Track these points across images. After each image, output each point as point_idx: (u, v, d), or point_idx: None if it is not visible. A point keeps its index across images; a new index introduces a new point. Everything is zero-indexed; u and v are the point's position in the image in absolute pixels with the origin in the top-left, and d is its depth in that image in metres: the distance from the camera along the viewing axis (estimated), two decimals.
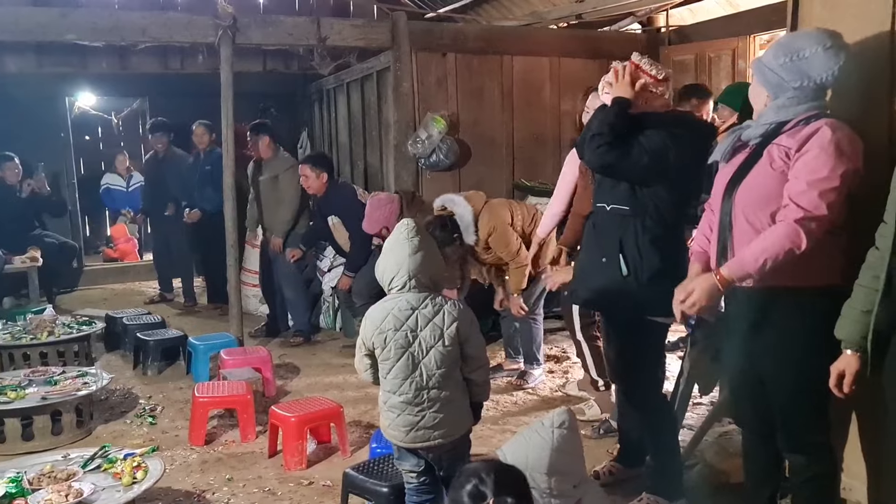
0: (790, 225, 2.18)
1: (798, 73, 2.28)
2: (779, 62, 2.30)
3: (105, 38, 5.59)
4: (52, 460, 3.00)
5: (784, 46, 2.32)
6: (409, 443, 2.51)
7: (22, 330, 5.14)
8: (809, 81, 2.27)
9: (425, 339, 2.46)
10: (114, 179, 9.56)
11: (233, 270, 5.49)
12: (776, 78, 2.31)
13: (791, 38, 2.36)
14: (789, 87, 2.30)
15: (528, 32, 6.81)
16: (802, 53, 2.26)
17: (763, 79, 2.36)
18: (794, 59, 2.27)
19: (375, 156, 6.95)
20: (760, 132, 2.36)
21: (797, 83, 2.28)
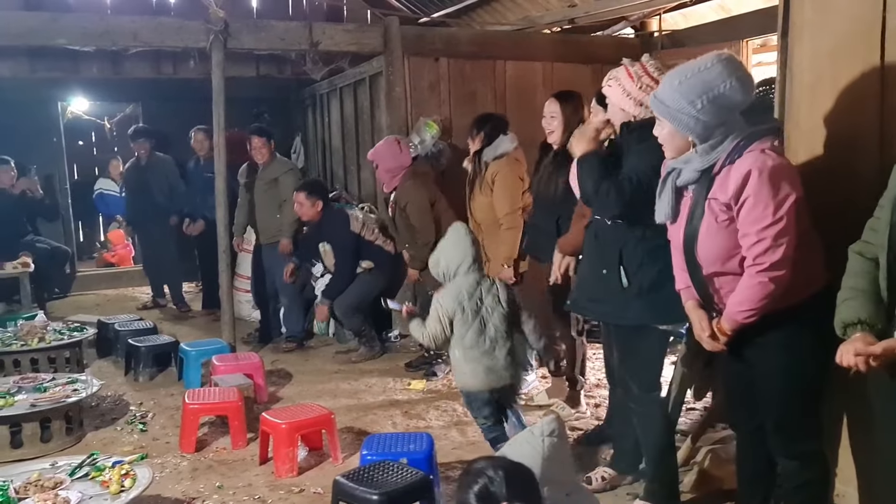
0: (755, 277, 2.21)
1: (720, 111, 2.23)
2: (696, 107, 2.23)
3: (96, 43, 5.56)
4: (39, 468, 2.97)
5: (696, 88, 2.23)
6: (486, 385, 3.28)
7: (12, 336, 5.10)
8: (731, 114, 2.25)
9: (489, 305, 3.31)
10: (107, 184, 9.55)
11: (225, 276, 5.47)
12: (699, 123, 2.25)
13: (698, 77, 2.24)
14: (714, 127, 2.26)
15: (520, 37, 6.80)
16: (718, 90, 2.21)
17: (683, 125, 2.28)
18: (711, 99, 2.22)
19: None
20: (695, 179, 2.33)
21: (720, 120, 2.24)
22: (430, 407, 4.49)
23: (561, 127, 4.02)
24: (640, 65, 2.87)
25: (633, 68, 2.87)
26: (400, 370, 5.24)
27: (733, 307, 2.29)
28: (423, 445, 3.18)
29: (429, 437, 3.30)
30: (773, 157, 2.22)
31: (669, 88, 2.30)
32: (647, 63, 2.87)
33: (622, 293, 2.84)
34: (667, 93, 2.30)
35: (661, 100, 2.33)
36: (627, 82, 2.86)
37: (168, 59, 6.92)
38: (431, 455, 3.18)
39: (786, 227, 2.16)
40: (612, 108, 2.95)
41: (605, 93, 2.96)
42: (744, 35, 5.92)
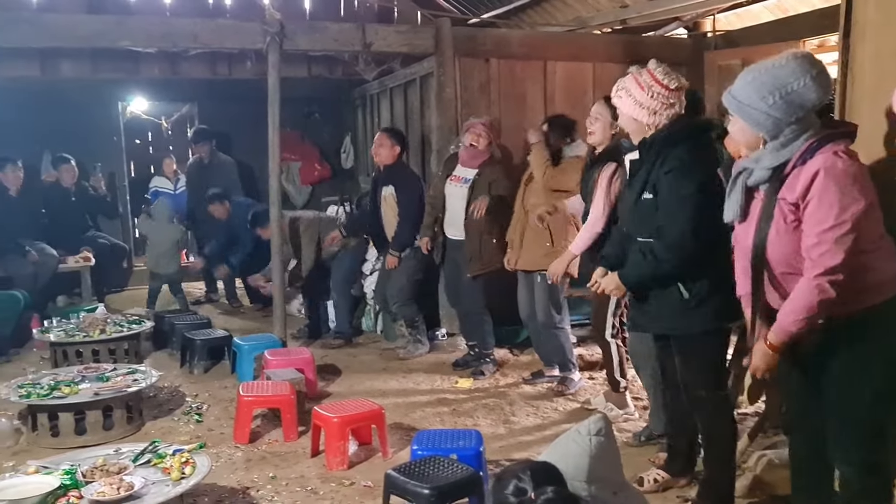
0: (811, 281, 2.18)
1: (792, 108, 2.21)
2: (768, 103, 2.22)
3: (158, 45, 5.74)
4: (104, 454, 3.09)
5: (767, 84, 2.22)
6: None
7: (75, 328, 5.30)
8: (804, 112, 2.22)
9: None
10: (162, 182, 9.76)
11: (277, 272, 5.58)
12: (769, 119, 2.24)
13: (771, 73, 2.24)
14: (785, 125, 2.24)
15: (571, 38, 6.79)
16: (791, 87, 2.20)
17: (753, 121, 2.28)
18: (783, 95, 2.20)
19: (417, 160, 6.99)
20: (765, 177, 2.31)
21: (792, 118, 2.22)
22: (478, 405, 4.52)
23: (602, 129, 4.03)
24: (647, 72, 2.87)
25: (641, 77, 2.88)
26: (447, 368, 5.28)
27: (783, 316, 2.27)
28: (472, 442, 3.22)
29: (478, 434, 3.33)
30: (845, 160, 2.18)
31: (742, 83, 2.30)
32: (655, 70, 2.87)
33: (683, 305, 2.86)
34: (739, 88, 2.31)
35: (733, 95, 2.33)
36: (637, 91, 2.87)
37: (224, 60, 7.09)
38: (481, 452, 3.21)
39: (848, 231, 2.13)
40: (624, 119, 2.97)
41: (615, 104, 2.97)
42: (801, 35, 5.82)
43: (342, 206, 8.04)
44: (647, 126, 2.89)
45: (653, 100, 2.84)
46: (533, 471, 1.80)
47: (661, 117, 2.87)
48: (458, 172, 5.15)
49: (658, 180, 2.86)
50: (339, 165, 9.23)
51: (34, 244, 6.57)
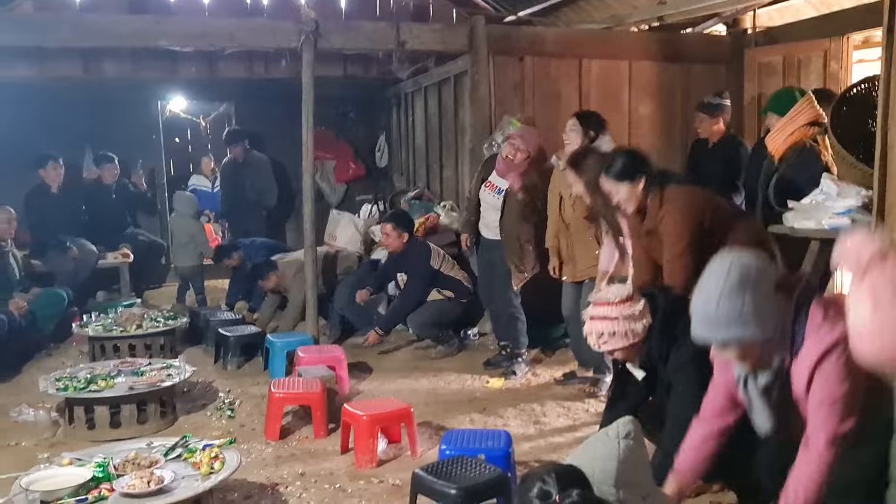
0: (817, 449, 2.18)
1: (770, 306, 2.16)
2: (753, 319, 2.14)
3: (195, 44, 5.82)
4: (136, 448, 3.12)
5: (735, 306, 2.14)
6: None
7: (113, 322, 5.40)
8: (771, 306, 2.18)
9: None
10: (200, 181, 9.95)
11: (310, 270, 5.61)
12: (761, 327, 2.17)
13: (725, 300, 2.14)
14: (765, 330, 2.18)
15: (606, 36, 6.71)
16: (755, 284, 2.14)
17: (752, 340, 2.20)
18: (757, 303, 2.14)
19: (451, 159, 6.98)
20: (772, 379, 2.29)
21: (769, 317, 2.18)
22: (509, 405, 4.49)
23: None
24: (602, 305, 2.86)
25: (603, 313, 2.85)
26: (478, 367, 5.26)
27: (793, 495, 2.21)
28: (501, 443, 3.19)
29: (507, 434, 3.30)
30: (832, 335, 2.18)
31: (714, 311, 2.19)
32: (606, 297, 2.87)
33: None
34: (714, 320, 2.20)
35: (711, 327, 2.23)
36: (611, 325, 2.85)
37: (260, 60, 7.16)
38: (509, 452, 3.19)
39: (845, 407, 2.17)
40: (623, 353, 2.93)
41: (606, 349, 2.94)
42: (844, 31, 5.67)
43: (376, 204, 8.08)
44: (642, 342, 2.88)
45: (626, 320, 2.83)
46: (558, 474, 1.79)
47: (646, 324, 2.85)
48: (493, 180, 5.12)
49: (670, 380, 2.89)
50: (373, 164, 9.26)
51: (75, 240, 6.70)
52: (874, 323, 1.65)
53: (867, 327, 1.67)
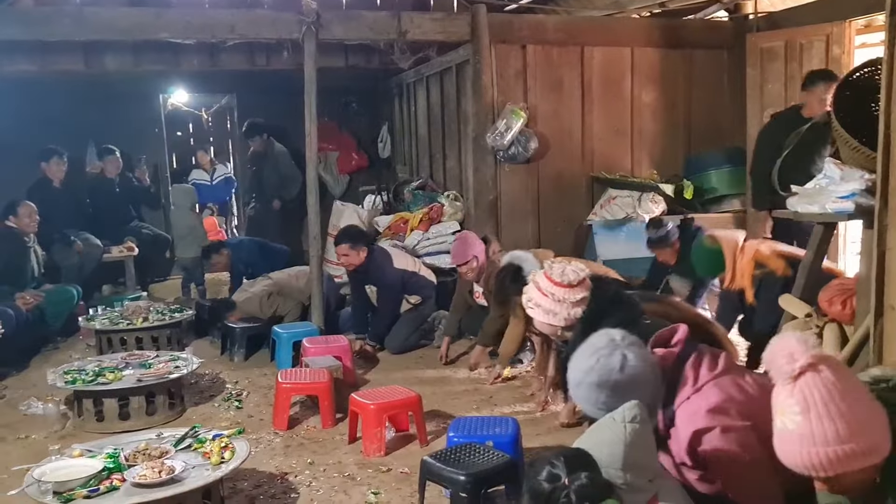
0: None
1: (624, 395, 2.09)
2: (602, 406, 2.13)
3: (196, 36, 5.81)
4: (146, 438, 3.15)
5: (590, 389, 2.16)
6: None
7: (119, 316, 5.42)
8: (640, 386, 2.15)
9: None
10: (199, 174, 9.92)
11: (315, 262, 5.62)
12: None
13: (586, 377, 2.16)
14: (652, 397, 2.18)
15: (608, 23, 6.70)
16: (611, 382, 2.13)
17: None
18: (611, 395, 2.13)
19: (454, 149, 6.98)
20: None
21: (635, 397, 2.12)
22: (515, 393, 4.51)
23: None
24: (544, 277, 2.84)
25: (541, 284, 2.84)
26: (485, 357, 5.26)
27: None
28: (508, 429, 3.21)
29: (514, 421, 3.32)
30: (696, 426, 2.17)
31: (574, 389, 2.24)
32: (551, 273, 2.84)
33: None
34: (574, 393, 2.27)
35: (573, 395, 2.30)
36: (543, 300, 2.83)
37: (262, 51, 7.16)
38: (517, 439, 3.21)
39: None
40: (541, 326, 2.92)
41: (529, 314, 2.94)
42: (847, 15, 5.65)
43: (379, 195, 8.08)
44: (561, 326, 2.85)
45: (558, 303, 2.80)
46: (566, 457, 1.80)
47: (573, 315, 2.81)
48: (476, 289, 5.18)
49: None
50: (376, 155, 9.26)
51: (79, 234, 6.73)
52: (804, 428, 1.65)
53: (797, 432, 1.67)
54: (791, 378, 1.69)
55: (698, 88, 6.62)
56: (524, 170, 6.22)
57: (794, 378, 1.68)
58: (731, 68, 6.55)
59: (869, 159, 3.24)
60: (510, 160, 6.12)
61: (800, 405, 1.67)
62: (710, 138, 6.58)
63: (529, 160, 6.15)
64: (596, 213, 6.26)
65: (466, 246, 5.02)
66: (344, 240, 5.53)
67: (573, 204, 6.39)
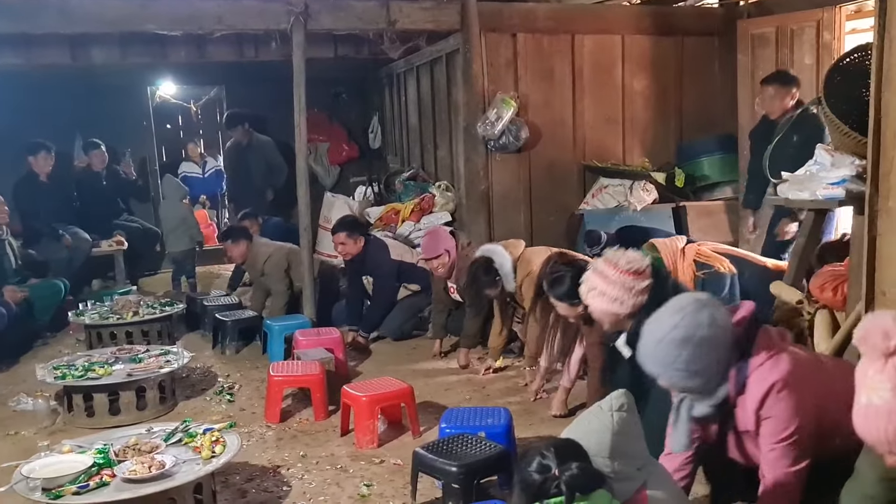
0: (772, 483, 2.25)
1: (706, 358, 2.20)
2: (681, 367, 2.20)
3: (183, 27, 5.74)
4: (136, 433, 3.13)
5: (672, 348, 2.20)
6: None
7: (109, 310, 5.39)
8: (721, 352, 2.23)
9: None
10: (189, 167, 9.88)
11: (306, 253, 5.60)
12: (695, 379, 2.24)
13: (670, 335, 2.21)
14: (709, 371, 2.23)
15: (599, 10, 6.66)
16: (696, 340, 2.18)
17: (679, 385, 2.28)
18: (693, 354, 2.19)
19: (445, 139, 6.95)
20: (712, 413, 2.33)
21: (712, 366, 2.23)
22: (507, 384, 4.51)
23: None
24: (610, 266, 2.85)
25: (607, 273, 2.85)
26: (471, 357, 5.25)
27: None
28: (501, 419, 3.21)
29: (506, 411, 3.32)
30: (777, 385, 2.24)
31: (649, 350, 2.27)
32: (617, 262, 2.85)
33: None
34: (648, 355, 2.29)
35: (645, 361, 2.31)
36: (609, 288, 2.84)
37: (250, 42, 7.09)
38: (510, 429, 3.21)
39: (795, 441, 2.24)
40: (600, 315, 2.93)
41: (588, 304, 2.93)
42: (837, 0, 5.63)
43: (370, 186, 8.05)
44: (625, 316, 2.86)
45: (625, 291, 2.82)
46: (557, 448, 1.80)
47: (639, 303, 2.83)
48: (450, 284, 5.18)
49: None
50: (366, 145, 9.22)
51: (68, 228, 6.68)
52: (893, 404, 1.69)
53: (884, 408, 1.70)
54: (884, 355, 1.71)
55: (689, 75, 6.60)
56: (515, 159, 6.19)
57: (888, 355, 1.71)
58: (721, 55, 6.53)
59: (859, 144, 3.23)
60: (501, 150, 6.09)
61: (891, 381, 1.70)
62: (702, 125, 6.57)
63: (520, 149, 6.13)
64: (588, 202, 6.24)
65: (437, 241, 5.04)
66: (341, 229, 5.55)
67: (565, 193, 6.37)
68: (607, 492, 1.77)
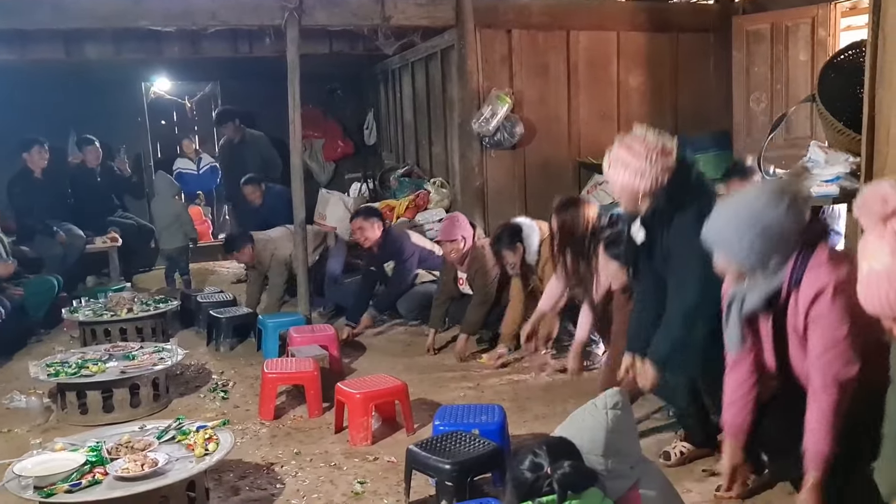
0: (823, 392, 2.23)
1: (772, 241, 2.23)
2: (748, 241, 2.23)
3: (176, 23, 5.73)
4: (129, 431, 3.12)
5: (745, 222, 2.23)
6: None
7: (103, 307, 5.37)
8: (785, 240, 2.24)
9: None
10: (184, 164, 9.83)
11: (300, 249, 5.59)
12: (752, 256, 2.26)
13: (746, 212, 2.25)
14: (770, 256, 2.25)
15: (594, 6, 6.64)
16: (768, 222, 2.21)
17: (737, 260, 2.30)
18: (760, 232, 2.22)
19: (440, 135, 6.94)
20: (762, 305, 2.33)
21: (775, 249, 2.25)
22: (502, 381, 4.50)
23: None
24: (637, 140, 2.84)
25: (633, 146, 2.84)
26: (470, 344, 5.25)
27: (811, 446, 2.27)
28: (495, 417, 3.20)
29: (500, 408, 3.31)
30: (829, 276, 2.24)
31: (721, 220, 2.32)
32: (645, 136, 2.85)
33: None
34: (716, 230, 2.33)
35: (714, 231, 2.34)
36: (635, 162, 2.82)
37: (245, 38, 7.06)
38: (503, 426, 3.20)
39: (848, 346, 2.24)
40: (620, 190, 2.91)
41: (610, 177, 2.92)
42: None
43: (365, 182, 8.03)
44: (644, 192, 2.85)
45: (651, 166, 2.80)
46: (549, 446, 1.80)
47: (661, 180, 2.83)
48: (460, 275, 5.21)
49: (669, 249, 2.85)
50: (361, 142, 9.21)
51: (62, 225, 6.65)
52: (892, 266, 1.69)
53: (884, 271, 1.70)
54: (882, 219, 1.73)
55: (684, 72, 6.60)
56: (510, 156, 6.19)
57: (886, 218, 1.72)
58: (717, 51, 6.53)
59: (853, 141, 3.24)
60: (496, 146, 6.09)
61: (890, 245, 1.71)
62: (697, 122, 6.57)
63: (515, 146, 6.13)
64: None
65: (455, 226, 5.04)
66: (356, 215, 5.67)
67: (560, 189, 6.28)
68: (599, 490, 1.76)
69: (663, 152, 2.82)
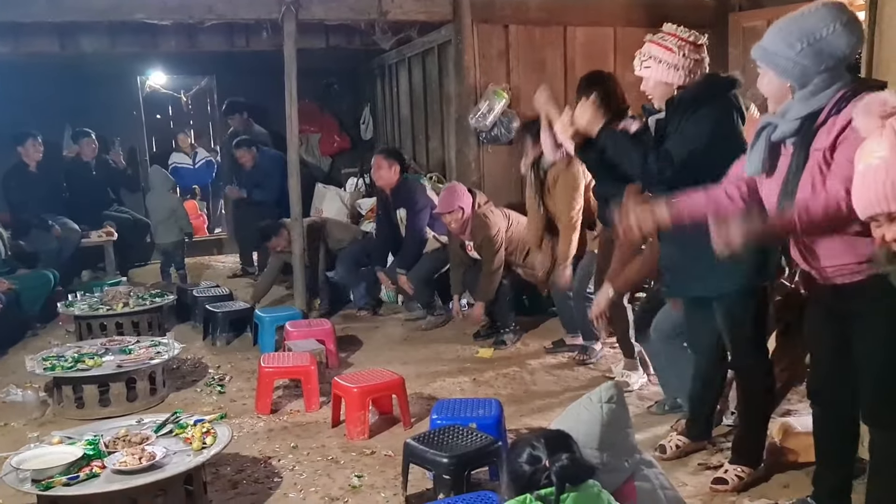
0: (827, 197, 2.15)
1: (820, 56, 2.18)
2: (796, 50, 2.20)
3: (173, 17, 5.71)
4: (126, 425, 3.12)
5: (795, 32, 2.21)
6: None
7: (99, 301, 5.37)
8: (834, 61, 2.19)
9: None
10: (180, 158, 9.79)
11: (297, 243, 5.59)
12: (797, 66, 2.22)
13: (800, 20, 2.22)
14: (814, 73, 2.21)
15: (591, 2, 6.62)
16: (819, 34, 2.17)
17: (780, 69, 2.27)
18: (811, 42, 2.18)
19: (437, 130, 6.94)
20: (794, 129, 2.26)
21: (822, 66, 2.19)
22: (499, 375, 4.52)
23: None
24: (669, 35, 2.93)
25: (665, 41, 2.91)
26: (467, 338, 5.27)
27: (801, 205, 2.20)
28: (492, 411, 3.21)
29: (497, 402, 3.32)
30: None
31: (771, 33, 2.30)
32: (677, 30, 2.93)
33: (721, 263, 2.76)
34: (768, 37, 2.30)
35: (762, 45, 2.32)
36: (666, 55, 2.89)
37: (241, 32, 7.05)
38: (500, 420, 3.21)
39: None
40: (653, 85, 2.98)
41: (644, 74, 2.98)
42: None
43: (361, 177, 8.03)
44: (677, 87, 2.93)
45: (685, 59, 2.88)
46: (547, 439, 1.80)
47: (694, 75, 2.92)
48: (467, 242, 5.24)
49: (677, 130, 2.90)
50: (358, 136, 9.19)
51: (57, 219, 6.64)
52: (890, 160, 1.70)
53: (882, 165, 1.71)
54: (881, 117, 1.74)
55: None
56: (507, 151, 6.18)
57: (885, 117, 1.73)
58: (713, 48, 6.50)
59: None
60: (493, 141, 6.09)
61: (888, 141, 1.72)
62: None
63: (512, 141, 6.12)
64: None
65: (454, 196, 5.08)
66: (381, 152, 5.78)
67: None
68: (596, 483, 1.77)
69: (695, 45, 2.89)
